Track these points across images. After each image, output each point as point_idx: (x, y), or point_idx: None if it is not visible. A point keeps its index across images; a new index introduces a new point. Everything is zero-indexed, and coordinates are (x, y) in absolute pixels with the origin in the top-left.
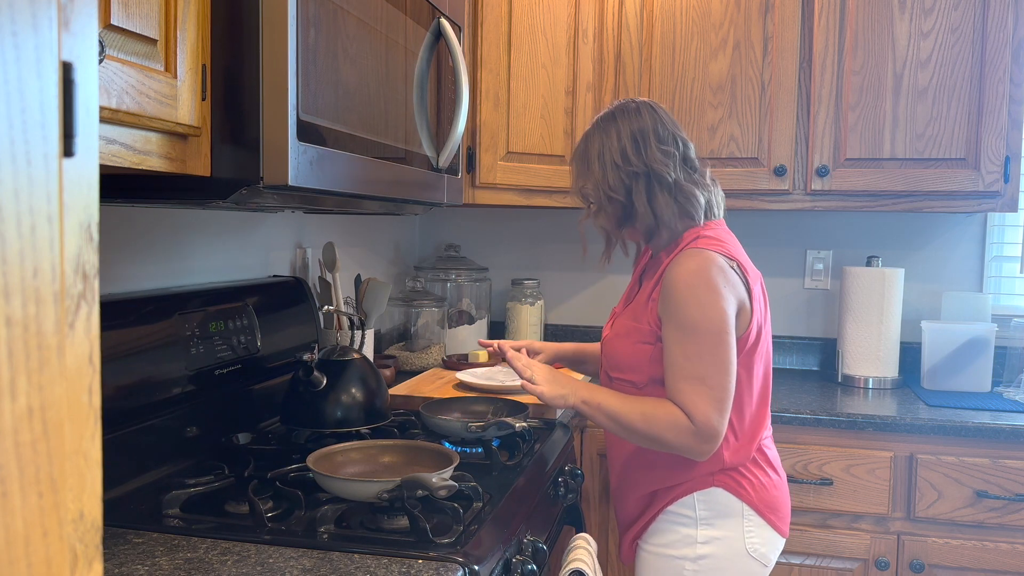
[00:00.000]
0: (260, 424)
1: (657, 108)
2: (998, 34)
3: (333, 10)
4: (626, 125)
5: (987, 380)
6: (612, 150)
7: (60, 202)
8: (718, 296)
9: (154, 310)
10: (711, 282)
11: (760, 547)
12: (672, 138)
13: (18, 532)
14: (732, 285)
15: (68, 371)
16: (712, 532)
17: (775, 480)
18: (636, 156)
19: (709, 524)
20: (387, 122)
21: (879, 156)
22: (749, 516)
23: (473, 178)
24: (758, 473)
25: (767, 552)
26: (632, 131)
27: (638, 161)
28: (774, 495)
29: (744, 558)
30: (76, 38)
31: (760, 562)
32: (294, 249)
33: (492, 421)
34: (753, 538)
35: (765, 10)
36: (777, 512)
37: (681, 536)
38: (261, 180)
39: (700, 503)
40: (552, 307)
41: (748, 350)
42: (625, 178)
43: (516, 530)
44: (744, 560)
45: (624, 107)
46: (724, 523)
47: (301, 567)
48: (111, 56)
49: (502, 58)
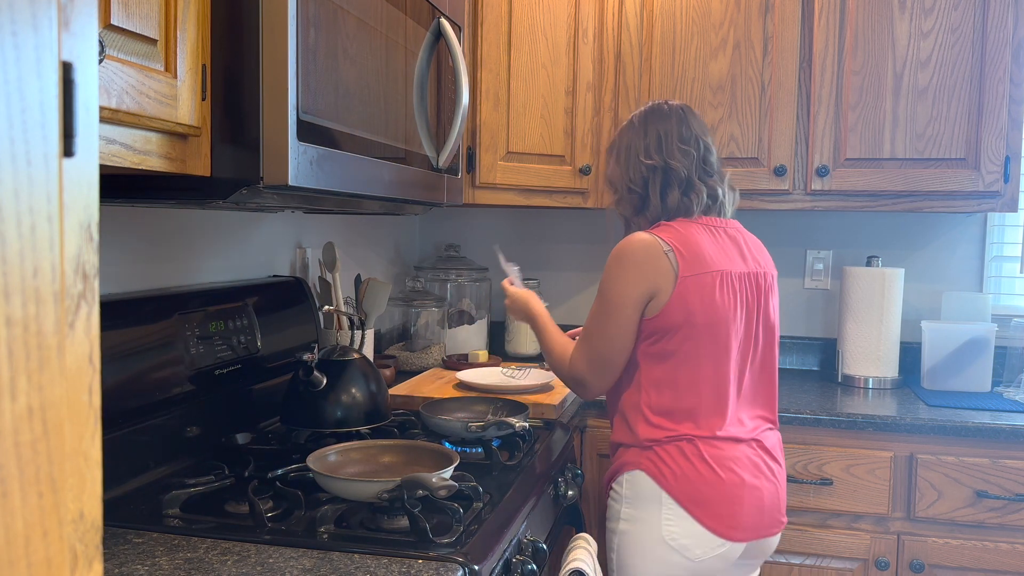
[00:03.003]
0: (260, 424)
1: (687, 113)
2: (998, 34)
3: (333, 10)
4: (654, 125)
5: (987, 380)
6: (637, 146)
7: (60, 202)
8: (625, 274)
9: (154, 310)
10: (624, 261)
11: (680, 538)
12: (695, 140)
13: (18, 532)
14: (650, 269)
15: (68, 371)
16: (632, 511)
17: (708, 476)
18: (657, 153)
19: (631, 504)
20: (387, 122)
21: (879, 156)
22: (668, 505)
23: (473, 178)
24: (684, 464)
25: (690, 545)
26: (658, 131)
27: (658, 157)
28: (702, 490)
29: (660, 544)
30: (76, 38)
31: (680, 553)
32: (294, 249)
33: (492, 421)
34: (671, 527)
35: (765, 10)
36: (706, 508)
37: (613, 511)
38: (261, 180)
39: (627, 482)
40: (552, 307)
41: (665, 336)
42: (644, 171)
43: (516, 530)
44: (660, 547)
45: (657, 108)
46: (643, 506)
47: (301, 567)
48: (111, 56)
49: (502, 58)
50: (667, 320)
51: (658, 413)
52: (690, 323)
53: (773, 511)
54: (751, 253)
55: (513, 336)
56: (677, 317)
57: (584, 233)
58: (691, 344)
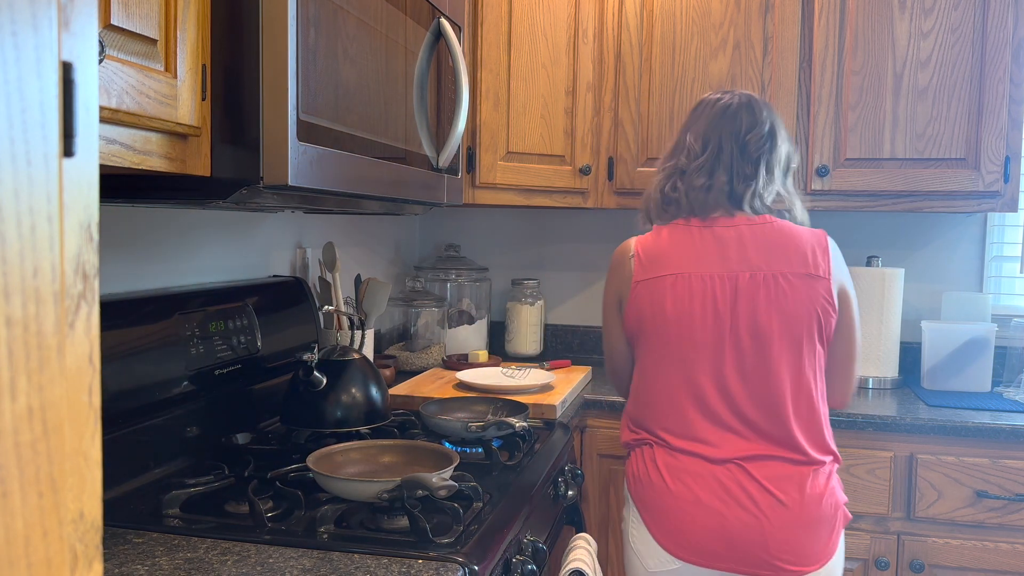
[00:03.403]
0: (260, 424)
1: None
2: (998, 34)
3: (333, 10)
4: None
5: (987, 380)
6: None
7: (60, 202)
8: (606, 281)
9: (154, 310)
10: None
11: (638, 544)
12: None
13: (18, 532)
14: (616, 276)
15: (68, 371)
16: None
17: (658, 484)
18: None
19: (625, 499)
20: (387, 122)
21: (879, 156)
22: (631, 507)
23: (473, 178)
24: (641, 468)
25: (644, 554)
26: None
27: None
28: (653, 497)
29: (628, 548)
30: (76, 38)
31: (640, 560)
32: (294, 249)
33: (492, 421)
34: (633, 530)
35: (765, 10)
36: (656, 518)
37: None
38: (261, 180)
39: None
40: (552, 307)
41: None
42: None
43: (516, 530)
44: (628, 550)
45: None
46: (625, 507)
47: (301, 567)
48: (111, 56)
49: (502, 58)
50: (628, 326)
51: (632, 419)
52: (643, 329)
53: (754, 548)
54: (741, 252)
55: (513, 336)
56: (632, 323)
57: (584, 233)
58: (647, 349)
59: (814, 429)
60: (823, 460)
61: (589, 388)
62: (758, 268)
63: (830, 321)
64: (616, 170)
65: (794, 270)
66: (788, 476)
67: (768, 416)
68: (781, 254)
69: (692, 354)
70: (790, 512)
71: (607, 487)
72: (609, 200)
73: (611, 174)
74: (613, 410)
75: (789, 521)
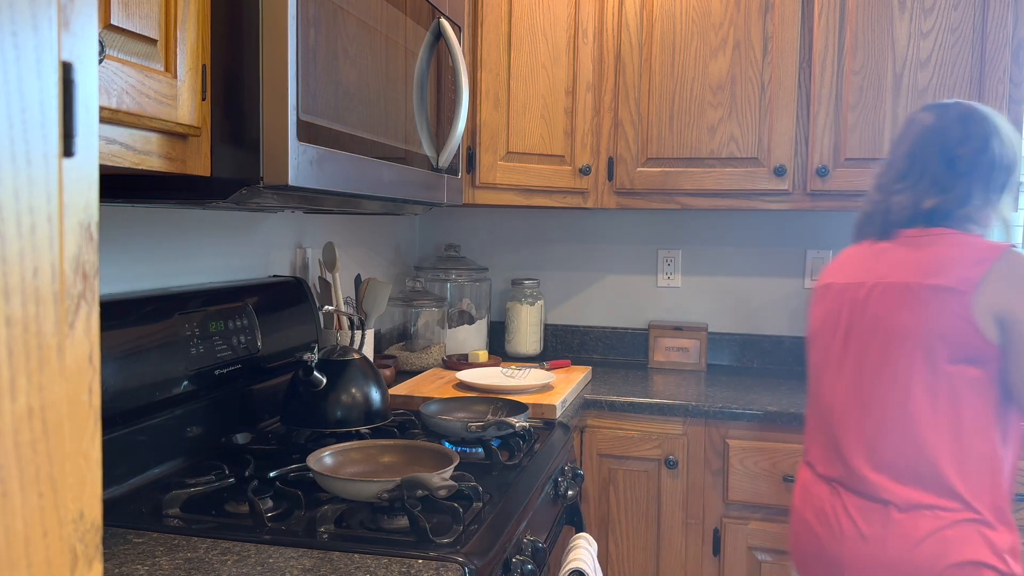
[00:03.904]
0: (260, 424)
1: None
2: (998, 34)
3: (333, 10)
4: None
5: None
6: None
7: (60, 202)
8: None
9: (154, 310)
10: None
11: None
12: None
13: (18, 532)
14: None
15: (68, 371)
16: None
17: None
18: None
19: None
20: (387, 122)
21: (879, 156)
22: None
23: (473, 178)
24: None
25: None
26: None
27: None
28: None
29: None
30: (76, 38)
31: None
32: (294, 249)
33: (492, 421)
34: None
35: (765, 10)
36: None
37: None
38: (261, 180)
39: None
40: (552, 307)
41: None
42: None
43: (516, 530)
44: None
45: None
46: None
47: (301, 567)
48: (111, 56)
49: (502, 58)
50: None
51: None
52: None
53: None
54: (886, 264)
55: (513, 336)
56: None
57: (584, 233)
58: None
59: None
60: (930, 504)
61: (589, 388)
62: (885, 277)
63: (966, 340)
64: (616, 170)
65: (922, 281)
66: (872, 508)
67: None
68: (919, 264)
69: (822, 365)
70: (866, 544)
71: (607, 487)
72: (609, 200)
73: (611, 174)
74: (613, 410)
75: (867, 554)
